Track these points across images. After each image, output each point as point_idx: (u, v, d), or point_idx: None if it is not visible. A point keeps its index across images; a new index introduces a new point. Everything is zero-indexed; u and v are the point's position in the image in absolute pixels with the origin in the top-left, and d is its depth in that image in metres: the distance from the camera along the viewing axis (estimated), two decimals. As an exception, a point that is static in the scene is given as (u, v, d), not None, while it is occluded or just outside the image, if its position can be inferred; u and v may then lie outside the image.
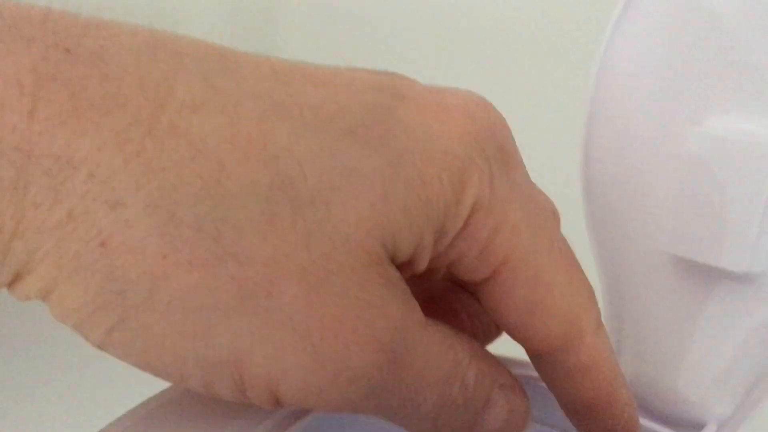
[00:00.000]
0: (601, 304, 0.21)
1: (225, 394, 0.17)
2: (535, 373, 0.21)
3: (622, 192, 0.25)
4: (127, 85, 0.15)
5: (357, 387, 0.17)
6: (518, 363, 0.23)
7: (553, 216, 0.20)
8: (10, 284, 0.16)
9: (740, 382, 0.23)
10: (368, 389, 0.17)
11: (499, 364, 0.20)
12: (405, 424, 0.19)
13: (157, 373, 0.17)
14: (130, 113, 0.15)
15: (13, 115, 0.15)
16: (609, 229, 0.25)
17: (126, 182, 0.15)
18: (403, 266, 0.18)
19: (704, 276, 0.23)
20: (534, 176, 0.20)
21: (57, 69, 0.15)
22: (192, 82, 0.16)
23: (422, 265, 0.18)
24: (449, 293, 0.22)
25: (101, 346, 0.17)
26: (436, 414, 0.19)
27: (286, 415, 0.21)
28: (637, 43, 0.24)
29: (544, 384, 0.21)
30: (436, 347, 0.18)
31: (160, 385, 0.19)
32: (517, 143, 0.20)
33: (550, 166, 0.37)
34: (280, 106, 0.17)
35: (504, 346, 0.22)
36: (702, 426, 0.23)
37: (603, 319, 0.21)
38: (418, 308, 0.18)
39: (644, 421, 0.23)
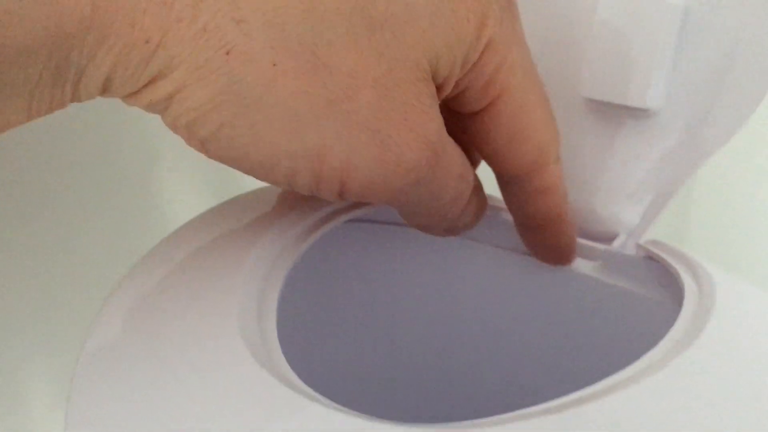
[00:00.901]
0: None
1: (302, 184, 0.21)
2: None
3: (544, 46, 0.30)
4: None
5: (409, 177, 0.22)
6: None
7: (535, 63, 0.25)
8: (143, 88, 0.19)
9: (645, 199, 0.29)
10: (416, 180, 0.22)
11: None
12: (421, 218, 0.24)
13: (249, 166, 0.21)
14: None
15: None
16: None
17: (249, 3, 0.19)
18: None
19: (613, 115, 0.29)
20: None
21: None
22: None
23: (447, 90, 0.23)
24: None
25: (206, 143, 0.20)
26: (449, 206, 0.24)
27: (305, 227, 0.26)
28: None
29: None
30: (455, 150, 0.23)
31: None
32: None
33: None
34: None
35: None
36: (614, 236, 0.29)
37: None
38: None
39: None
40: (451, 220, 0.25)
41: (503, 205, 0.30)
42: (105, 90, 0.20)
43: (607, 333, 0.29)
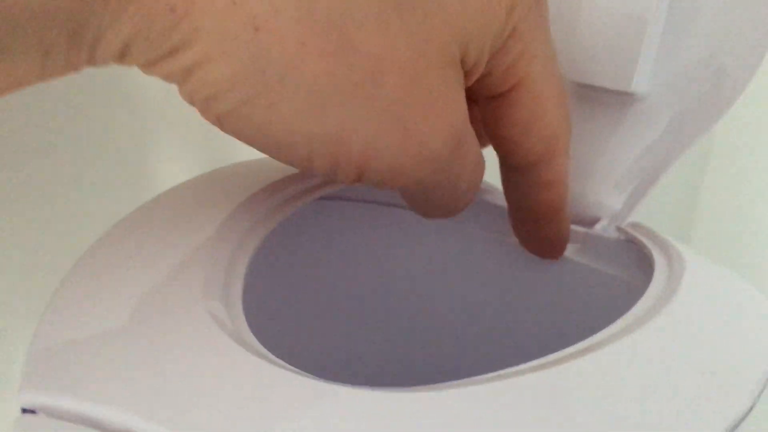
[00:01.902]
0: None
1: (319, 168, 0.20)
2: None
3: None
4: None
5: (430, 165, 0.21)
6: None
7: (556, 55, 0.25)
8: (162, 58, 0.19)
9: (631, 184, 0.29)
10: (436, 168, 0.21)
11: None
12: (429, 205, 0.24)
13: (265, 145, 0.20)
14: None
15: None
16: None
17: None
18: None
19: (601, 100, 0.29)
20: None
21: None
22: None
23: (475, 76, 0.22)
24: None
25: (223, 119, 0.20)
26: (462, 195, 0.23)
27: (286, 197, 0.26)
28: None
29: None
30: (474, 140, 0.23)
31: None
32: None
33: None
34: None
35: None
36: (596, 219, 0.30)
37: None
38: None
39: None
40: (456, 208, 0.24)
41: (485, 187, 0.30)
42: (122, 57, 0.19)
43: (586, 314, 0.29)
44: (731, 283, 0.24)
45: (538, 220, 0.27)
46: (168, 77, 0.19)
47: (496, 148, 0.26)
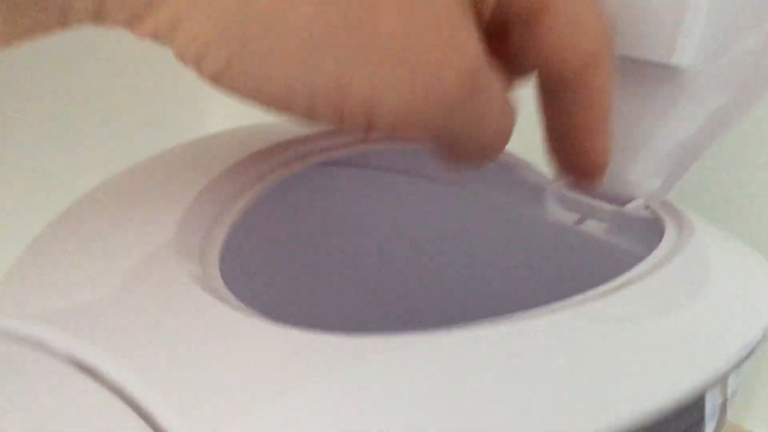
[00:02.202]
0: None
1: (325, 117, 0.19)
2: None
3: None
4: None
5: (442, 107, 0.19)
6: None
7: None
8: (141, 15, 0.18)
9: (671, 165, 0.28)
10: (450, 111, 0.19)
11: None
12: (455, 152, 0.22)
13: (266, 101, 0.19)
14: None
15: None
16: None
17: None
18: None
19: (645, 75, 0.28)
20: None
21: None
22: None
23: (490, 5, 0.20)
24: None
25: (217, 77, 0.19)
26: (491, 143, 0.22)
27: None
28: None
29: None
30: (496, 81, 0.21)
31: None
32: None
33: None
34: None
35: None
36: (631, 199, 0.28)
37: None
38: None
39: (586, 198, 0.29)
40: (485, 156, 0.23)
41: (512, 161, 0.29)
42: (97, 15, 0.18)
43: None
44: (737, 249, 0.23)
45: (577, 141, 0.25)
46: (155, 38, 0.18)
47: (536, 63, 0.23)
